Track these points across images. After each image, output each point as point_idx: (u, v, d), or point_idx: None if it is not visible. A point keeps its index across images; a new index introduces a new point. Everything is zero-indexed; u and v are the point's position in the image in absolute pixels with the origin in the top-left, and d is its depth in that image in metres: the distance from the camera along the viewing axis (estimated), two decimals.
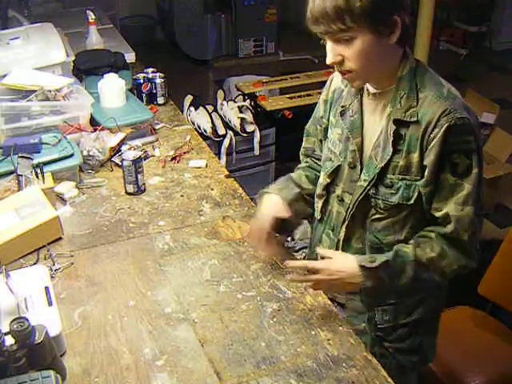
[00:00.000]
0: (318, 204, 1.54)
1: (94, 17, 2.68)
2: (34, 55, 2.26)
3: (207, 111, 3.31)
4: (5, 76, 2.15)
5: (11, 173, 1.80)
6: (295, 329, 1.37)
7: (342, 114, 1.44)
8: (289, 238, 2.99)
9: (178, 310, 1.42)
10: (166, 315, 1.40)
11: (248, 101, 3.46)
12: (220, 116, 3.37)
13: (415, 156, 1.32)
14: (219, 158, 3.15)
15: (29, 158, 1.82)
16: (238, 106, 3.37)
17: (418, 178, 1.33)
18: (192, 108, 3.36)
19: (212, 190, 1.91)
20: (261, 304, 1.44)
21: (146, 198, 1.86)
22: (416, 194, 1.34)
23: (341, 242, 1.47)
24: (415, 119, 1.30)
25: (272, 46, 5.80)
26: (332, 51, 1.27)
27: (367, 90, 1.40)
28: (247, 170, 3.40)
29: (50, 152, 1.88)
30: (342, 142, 1.44)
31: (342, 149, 1.44)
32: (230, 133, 3.29)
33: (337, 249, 1.49)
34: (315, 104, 1.59)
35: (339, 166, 1.45)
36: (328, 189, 1.50)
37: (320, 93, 1.58)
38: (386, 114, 1.35)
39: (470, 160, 1.30)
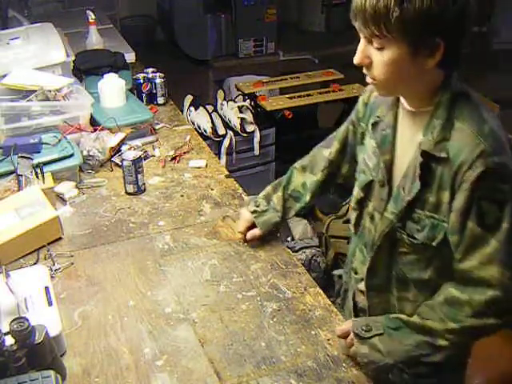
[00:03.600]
0: (352, 216, 1.46)
1: (93, 17, 2.68)
2: (34, 55, 2.26)
3: (207, 111, 3.31)
4: (5, 76, 2.15)
5: (11, 173, 1.80)
6: (295, 329, 1.37)
7: (374, 125, 1.33)
8: (289, 238, 3.00)
9: (177, 310, 1.42)
10: (166, 315, 1.40)
11: (248, 101, 3.46)
12: (220, 116, 3.37)
13: (446, 195, 1.18)
14: (219, 158, 3.15)
15: (29, 157, 1.82)
16: (238, 106, 3.37)
17: (446, 220, 1.20)
18: (192, 108, 3.36)
19: (212, 190, 1.91)
20: (261, 304, 1.44)
21: (145, 198, 1.86)
22: (441, 236, 1.21)
23: (368, 261, 1.38)
24: (445, 155, 1.16)
25: (272, 45, 5.79)
26: (362, 52, 1.18)
27: (403, 104, 1.28)
28: (247, 169, 3.40)
29: (50, 152, 1.88)
30: (375, 156, 1.34)
31: (375, 163, 1.34)
32: (230, 133, 3.29)
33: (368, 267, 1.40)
34: (315, 104, 1.57)
35: (371, 181, 1.36)
36: (361, 203, 1.41)
37: (320, 93, 1.57)
38: (417, 141, 1.22)
39: (502, 212, 1.14)
